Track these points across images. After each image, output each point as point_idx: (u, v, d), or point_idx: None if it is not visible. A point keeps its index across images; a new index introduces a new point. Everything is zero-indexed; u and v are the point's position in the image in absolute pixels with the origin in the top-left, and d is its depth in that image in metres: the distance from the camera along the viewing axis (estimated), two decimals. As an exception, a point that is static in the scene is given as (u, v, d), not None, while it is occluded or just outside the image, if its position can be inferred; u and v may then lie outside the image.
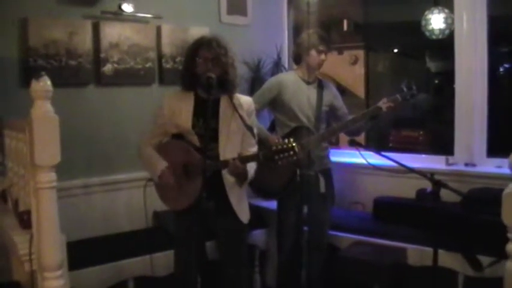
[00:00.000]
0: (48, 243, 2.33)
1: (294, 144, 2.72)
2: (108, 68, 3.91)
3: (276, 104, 3.78)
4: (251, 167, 2.96)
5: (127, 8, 3.94)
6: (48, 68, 3.54)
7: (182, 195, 2.99)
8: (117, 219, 3.96)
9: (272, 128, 3.89)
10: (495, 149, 4.04)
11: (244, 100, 3.12)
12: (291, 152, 2.73)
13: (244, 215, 3.09)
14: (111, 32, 3.92)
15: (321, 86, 3.79)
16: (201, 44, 3.00)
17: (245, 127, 2.95)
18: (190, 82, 3.03)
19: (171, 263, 3.27)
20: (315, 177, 3.65)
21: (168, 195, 3.09)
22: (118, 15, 3.93)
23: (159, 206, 3.26)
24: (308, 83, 3.78)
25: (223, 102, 3.03)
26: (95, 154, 3.87)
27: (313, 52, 3.72)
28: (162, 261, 3.58)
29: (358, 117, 3.70)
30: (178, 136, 3.06)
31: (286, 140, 2.77)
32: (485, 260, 3.28)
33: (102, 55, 3.88)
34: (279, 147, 2.75)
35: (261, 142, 3.31)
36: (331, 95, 3.83)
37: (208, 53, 2.96)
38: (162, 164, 3.01)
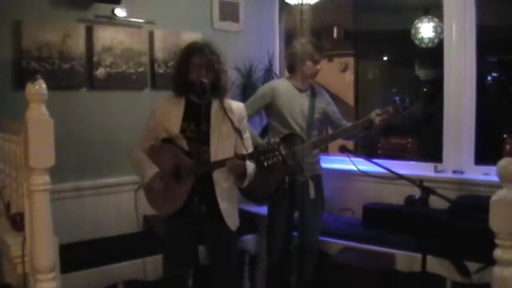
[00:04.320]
0: (41, 246, 2.34)
1: (278, 145, 2.75)
2: (100, 71, 3.92)
3: (270, 110, 3.80)
4: (249, 166, 2.96)
5: (120, 12, 3.96)
6: (41, 71, 3.53)
7: (170, 200, 3.00)
8: (108, 222, 3.95)
9: (264, 134, 3.91)
10: (483, 156, 4.09)
11: (236, 106, 3.14)
12: (276, 153, 2.75)
13: (233, 223, 3.08)
14: (104, 36, 3.93)
15: (313, 94, 3.81)
16: (194, 51, 3.02)
17: (234, 130, 2.97)
18: (182, 88, 3.05)
19: (161, 267, 3.28)
20: (305, 183, 3.67)
21: (157, 200, 3.10)
22: (111, 19, 3.94)
23: (149, 210, 3.26)
24: (301, 91, 3.79)
25: (215, 106, 3.04)
26: (86, 157, 3.87)
27: (309, 63, 3.72)
28: (153, 265, 3.59)
29: (349, 127, 3.75)
30: (168, 140, 3.08)
31: (272, 140, 2.80)
32: (472, 266, 3.32)
33: (95, 59, 3.89)
34: (264, 148, 2.77)
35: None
36: (324, 102, 3.86)
37: (201, 60, 2.98)
38: (151, 171, 3.01)
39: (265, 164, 2.77)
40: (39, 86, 2.30)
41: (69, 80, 3.79)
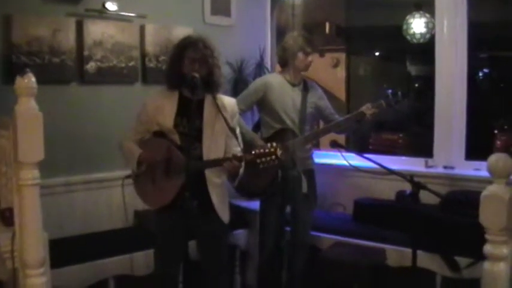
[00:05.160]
0: (31, 241, 2.33)
1: (276, 149, 2.75)
2: (91, 66, 3.89)
3: (262, 105, 3.80)
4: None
5: (111, 6, 3.92)
6: (31, 65, 3.49)
7: (160, 193, 2.99)
8: (99, 217, 3.93)
9: (256, 129, 3.91)
10: (473, 152, 4.11)
11: (228, 102, 3.14)
12: (273, 157, 2.76)
13: (225, 215, 3.10)
14: (95, 30, 3.90)
15: (306, 88, 3.82)
16: (188, 45, 3.01)
17: (228, 129, 2.97)
18: (175, 81, 3.04)
19: (151, 262, 3.27)
20: (298, 178, 3.67)
21: (147, 192, 3.09)
22: (102, 13, 3.91)
23: (140, 204, 3.25)
24: (294, 85, 3.79)
25: (207, 102, 3.04)
26: (77, 152, 3.84)
27: (300, 55, 3.73)
28: (143, 261, 3.59)
29: (341, 121, 3.77)
30: (160, 134, 3.07)
31: (268, 144, 2.80)
32: (462, 261, 3.34)
33: (86, 53, 3.86)
34: (261, 151, 2.77)
35: (247, 144, 3.33)
36: (316, 96, 3.86)
37: (195, 54, 2.98)
38: (139, 151, 3.02)
39: (261, 166, 2.79)
40: (28, 80, 2.28)
41: (60, 74, 3.76)
